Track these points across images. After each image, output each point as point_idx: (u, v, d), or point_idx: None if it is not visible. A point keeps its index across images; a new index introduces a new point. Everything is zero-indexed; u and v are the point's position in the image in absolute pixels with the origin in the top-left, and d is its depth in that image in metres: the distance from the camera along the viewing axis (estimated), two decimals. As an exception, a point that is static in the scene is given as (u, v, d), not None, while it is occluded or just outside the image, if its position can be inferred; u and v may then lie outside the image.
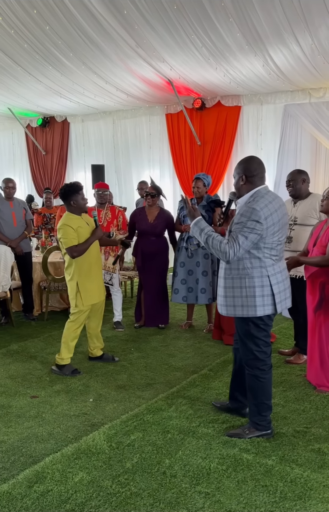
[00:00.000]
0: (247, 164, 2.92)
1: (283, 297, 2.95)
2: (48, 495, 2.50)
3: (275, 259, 2.91)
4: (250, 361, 3.01)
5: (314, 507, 2.41)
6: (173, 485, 2.58)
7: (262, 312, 2.88)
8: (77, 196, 3.92)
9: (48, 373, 4.16)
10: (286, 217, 2.97)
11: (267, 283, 2.86)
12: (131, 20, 5.50)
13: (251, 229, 2.76)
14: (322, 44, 5.57)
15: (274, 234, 2.84)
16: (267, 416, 3.04)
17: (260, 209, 2.77)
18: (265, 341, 2.98)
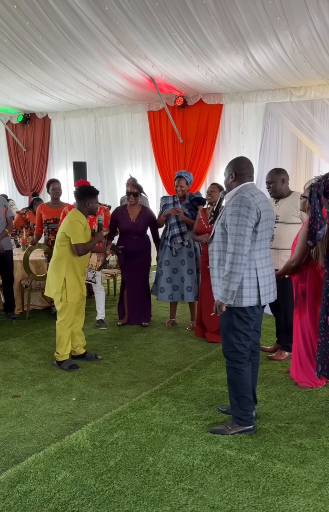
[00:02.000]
0: (238, 163, 3.06)
1: (267, 291, 3.02)
2: (31, 494, 2.49)
3: (260, 253, 2.97)
4: (230, 353, 3.06)
5: (296, 502, 2.44)
6: (156, 483, 2.59)
7: (248, 303, 2.93)
8: (93, 199, 4.12)
9: (30, 372, 4.13)
10: (271, 213, 3.04)
11: (254, 275, 2.93)
12: (112, 16, 5.47)
13: (245, 216, 2.83)
14: (302, 43, 5.61)
15: (261, 224, 2.91)
16: (248, 410, 3.06)
17: (248, 196, 2.88)
18: (245, 334, 3.02)
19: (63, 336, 4.13)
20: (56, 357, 4.22)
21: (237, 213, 2.85)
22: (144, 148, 9.08)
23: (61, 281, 4.04)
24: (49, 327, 5.40)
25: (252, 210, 2.85)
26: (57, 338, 4.16)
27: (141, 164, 9.17)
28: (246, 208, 2.84)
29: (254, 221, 2.86)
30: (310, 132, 7.18)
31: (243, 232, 2.84)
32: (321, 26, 5.20)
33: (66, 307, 4.10)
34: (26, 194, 10.63)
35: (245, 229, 2.84)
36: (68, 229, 4.00)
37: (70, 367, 4.15)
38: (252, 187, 3.00)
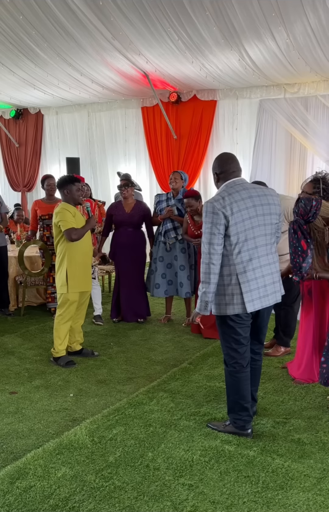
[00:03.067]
0: (216, 162, 2.95)
1: (256, 295, 2.81)
2: (31, 491, 2.48)
3: (249, 255, 2.78)
4: (224, 356, 3.01)
5: (296, 496, 2.46)
6: (156, 478, 2.59)
7: (232, 311, 2.81)
8: (71, 186, 4.09)
9: (26, 368, 4.12)
10: (262, 208, 2.82)
11: (235, 281, 2.78)
12: (107, 11, 5.43)
13: (210, 222, 2.73)
14: (297, 40, 5.61)
15: (237, 226, 2.73)
16: (242, 416, 2.98)
17: (213, 200, 2.76)
18: (235, 339, 2.90)
19: (60, 331, 4.12)
20: (52, 353, 4.21)
21: (204, 220, 2.76)
22: (138, 144, 9.05)
23: (63, 275, 4.05)
24: (45, 323, 5.39)
25: (216, 215, 2.72)
26: (54, 332, 4.14)
27: (135, 160, 9.14)
28: (210, 214, 2.73)
29: (221, 226, 2.72)
30: (303, 128, 7.20)
31: (209, 240, 2.74)
32: (316, 23, 5.21)
33: (66, 302, 4.08)
34: (19, 190, 10.57)
35: (211, 236, 2.73)
36: (57, 219, 4.01)
37: (67, 363, 4.15)
38: (234, 184, 2.84)
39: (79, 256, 4.09)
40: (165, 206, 5.24)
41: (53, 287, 5.62)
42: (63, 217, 3.98)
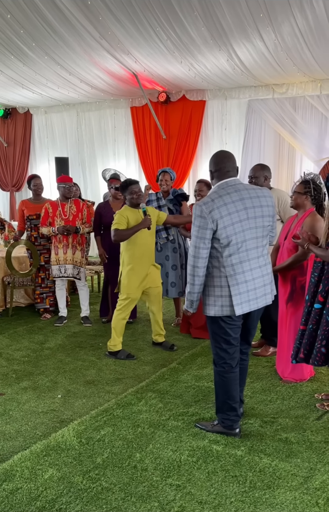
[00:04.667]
0: (211, 159, 2.90)
1: (245, 298, 2.78)
2: (18, 493, 2.47)
3: (239, 258, 2.76)
4: (214, 356, 3.01)
5: (283, 495, 2.47)
6: (144, 479, 2.59)
7: (220, 313, 2.81)
8: (125, 190, 4.31)
9: (14, 370, 4.09)
10: (257, 210, 2.78)
11: (224, 284, 2.77)
12: (95, 11, 5.42)
13: (197, 226, 2.71)
14: (285, 40, 5.64)
15: (226, 229, 2.69)
16: (230, 415, 2.99)
17: (203, 203, 2.72)
18: (225, 340, 2.89)
19: (117, 326, 4.30)
20: (109, 348, 4.35)
21: (193, 222, 2.74)
22: (127, 144, 9.04)
23: (121, 274, 4.29)
24: (33, 324, 5.36)
25: (203, 219, 2.69)
26: (112, 325, 4.32)
27: (125, 160, 9.13)
28: (198, 218, 2.71)
29: (208, 231, 2.69)
30: (292, 128, 7.24)
31: (195, 243, 2.74)
32: (304, 24, 5.24)
33: (123, 299, 4.27)
34: (7, 189, 10.51)
35: (197, 240, 2.73)
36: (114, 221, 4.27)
37: (127, 356, 4.31)
38: (226, 185, 2.79)
39: (137, 256, 4.24)
40: (155, 205, 5.22)
41: (41, 287, 5.61)
42: (115, 220, 4.23)
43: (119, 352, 4.33)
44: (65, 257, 5.17)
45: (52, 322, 5.40)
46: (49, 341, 4.78)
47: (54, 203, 5.22)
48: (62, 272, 5.20)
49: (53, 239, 5.22)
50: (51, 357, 4.38)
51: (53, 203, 5.24)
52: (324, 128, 7.10)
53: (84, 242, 5.34)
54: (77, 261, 5.21)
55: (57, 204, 5.19)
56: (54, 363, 4.22)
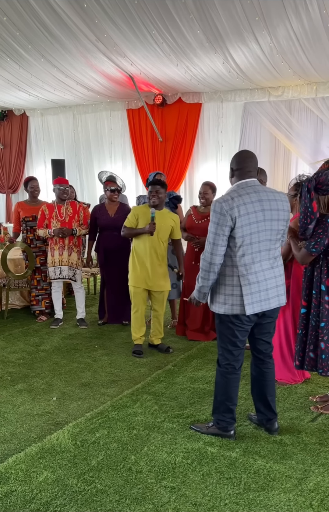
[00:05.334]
0: (235, 157, 2.89)
1: (256, 298, 2.78)
2: (12, 495, 2.46)
3: (253, 258, 2.76)
4: (219, 356, 2.98)
5: (277, 497, 2.47)
6: (138, 481, 2.59)
7: (230, 311, 2.80)
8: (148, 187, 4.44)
9: (9, 372, 4.09)
10: (270, 213, 2.77)
11: (236, 283, 2.77)
12: (91, 13, 5.44)
13: (215, 223, 2.71)
14: (280, 43, 5.67)
15: (243, 229, 2.70)
16: (226, 417, 2.97)
17: (223, 200, 2.72)
18: (232, 341, 2.88)
19: (132, 321, 4.52)
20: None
21: (211, 219, 2.75)
22: (124, 146, 9.05)
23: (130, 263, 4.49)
24: (28, 326, 5.35)
25: (222, 216, 2.69)
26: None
27: (121, 162, 9.14)
28: (217, 214, 2.71)
29: (226, 228, 2.70)
30: (287, 131, 7.27)
31: (213, 240, 2.73)
32: (299, 27, 5.27)
33: (131, 292, 4.47)
34: (4, 191, 10.50)
35: (215, 237, 2.72)
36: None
37: (133, 352, 4.45)
38: (246, 186, 2.80)
39: (140, 254, 4.39)
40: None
41: (37, 289, 5.60)
42: (129, 214, 4.45)
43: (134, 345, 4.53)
44: (61, 258, 5.18)
45: (48, 324, 5.40)
46: (45, 343, 4.78)
47: (50, 205, 5.23)
48: (57, 274, 5.21)
49: (49, 241, 5.22)
50: (46, 359, 4.37)
51: (50, 205, 5.24)
52: (319, 130, 7.13)
53: (80, 244, 5.34)
54: (73, 263, 5.21)
55: (53, 206, 5.20)
56: (50, 366, 4.22)
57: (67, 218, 5.17)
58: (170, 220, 4.42)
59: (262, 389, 3.06)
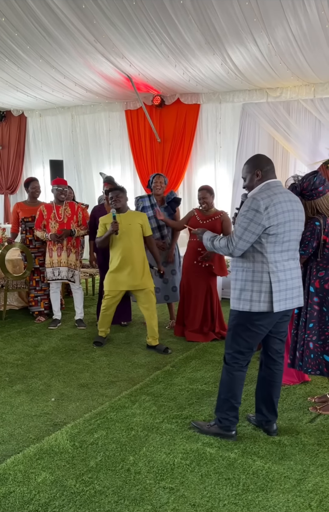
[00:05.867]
0: (258, 160, 2.91)
1: (283, 296, 2.80)
2: (11, 496, 2.46)
3: (281, 256, 2.80)
4: (226, 354, 2.97)
5: (276, 498, 2.47)
6: (137, 482, 2.59)
7: (257, 308, 2.78)
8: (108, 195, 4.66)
9: (7, 373, 4.08)
10: (297, 213, 2.82)
11: (266, 279, 2.77)
12: (89, 14, 5.43)
13: (249, 219, 2.71)
14: (278, 44, 5.68)
15: (278, 227, 2.73)
16: (229, 415, 2.97)
17: (260, 198, 2.72)
18: (247, 342, 2.87)
19: (101, 317, 4.70)
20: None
21: (244, 214, 2.75)
22: (122, 147, 9.05)
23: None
24: (27, 327, 5.35)
25: (259, 214, 2.69)
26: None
27: (120, 163, 9.14)
28: (253, 212, 2.71)
29: (260, 226, 2.70)
30: (286, 132, 7.27)
31: (241, 234, 2.73)
32: (297, 28, 5.27)
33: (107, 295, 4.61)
34: (2, 192, 10.49)
35: (245, 232, 2.72)
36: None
37: (94, 342, 4.72)
38: (275, 185, 2.83)
39: (118, 256, 4.49)
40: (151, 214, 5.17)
41: (35, 290, 5.60)
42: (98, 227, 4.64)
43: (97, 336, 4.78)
44: (59, 259, 5.17)
45: (46, 325, 5.39)
46: (43, 344, 4.77)
47: (49, 206, 5.23)
48: (56, 275, 5.20)
49: (48, 241, 5.22)
50: (45, 360, 4.37)
51: (48, 205, 5.24)
52: (317, 131, 7.14)
53: (79, 245, 5.34)
54: (72, 264, 5.21)
55: (52, 207, 5.19)
56: (48, 366, 4.21)
57: (66, 219, 5.17)
58: (138, 219, 4.56)
59: (269, 390, 3.06)
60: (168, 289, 5.22)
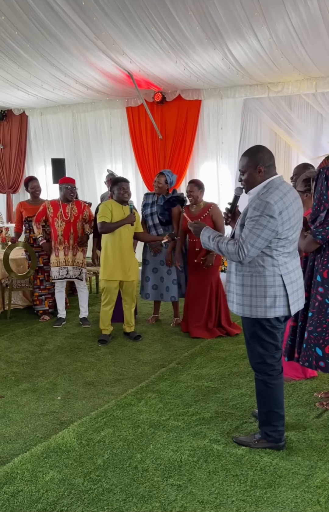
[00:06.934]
0: (262, 153, 2.69)
1: (296, 297, 2.71)
2: (19, 495, 2.46)
3: (288, 257, 2.70)
4: (257, 365, 2.81)
5: (284, 494, 2.47)
6: (145, 479, 2.59)
7: (273, 314, 2.66)
8: (114, 186, 4.64)
9: (13, 372, 4.08)
10: (301, 211, 2.72)
11: (279, 283, 2.64)
12: (89, 11, 5.41)
13: (264, 226, 2.54)
14: (279, 38, 5.64)
15: (289, 230, 2.62)
16: (278, 426, 2.81)
17: (274, 202, 2.53)
18: (273, 345, 2.75)
19: (101, 313, 4.78)
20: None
21: (256, 220, 2.55)
22: (123, 144, 9.02)
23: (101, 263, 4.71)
24: (31, 326, 5.35)
25: (274, 220, 2.53)
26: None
27: (121, 161, 9.12)
28: (268, 218, 2.53)
29: (274, 233, 2.56)
30: (288, 127, 7.24)
31: (257, 243, 2.57)
32: (298, 22, 5.24)
33: (103, 287, 4.70)
34: (4, 192, 10.49)
35: (259, 240, 2.56)
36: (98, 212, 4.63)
37: (99, 340, 4.75)
38: (280, 183, 2.66)
39: (113, 249, 4.57)
40: (148, 212, 5.16)
41: (40, 289, 5.60)
42: (100, 212, 4.56)
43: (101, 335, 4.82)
44: (66, 258, 5.16)
45: (51, 324, 5.40)
46: (48, 343, 4.77)
47: (55, 203, 5.17)
48: (62, 274, 5.18)
49: (53, 240, 5.18)
50: (50, 359, 4.37)
51: (54, 202, 5.18)
52: (319, 126, 7.09)
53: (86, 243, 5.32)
54: (79, 262, 5.21)
55: (58, 205, 5.15)
56: (54, 365, 4.22)
57: (72, 218, 5.15)
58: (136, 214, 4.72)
59: None
60: (162, 288, 5.21)
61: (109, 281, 4.64)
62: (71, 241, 5.14)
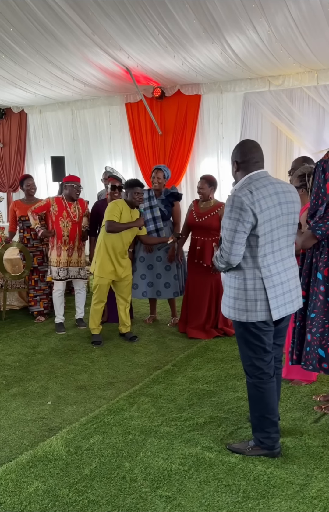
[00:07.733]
0: (238, 149, 2.64)
1: (281, 301, 2.59)
2: (0, 508, 2.37)
3: (274, 257, 2.57)
4: (247, 367, 2.73)
5: (278, 505, 2.36)
6: (132, 490, 2.48)
7: (254, 318, 2.57)
8: (131, 190, 4.53)
9: (4, 376, 3.99)
10: (289, 206, 2.58)
11: (260, 286, 2.54)
12: (85, 7, 5.29)
13: (236, 219, 2.46)
14: (279, 31, 5.48)
15: (264, 225, 2.48)
16: (271, 433, 2.71)
17: (242, 195, 2.46)
18: (261, 347, 2.65)
19: (91, 312, 4.71)
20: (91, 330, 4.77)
21: (228, 215, 2.49)
22: (123, 141, 8.91)
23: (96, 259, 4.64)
24: (26, 327, 5.26)
25: (244, 212, 2.44)
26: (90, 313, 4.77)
27: (121, 157, 9.00)
28: (237, 210, 2.45)
29: (248, 224, 2.45)
30: (289, 121, 7.08)
31: (232, 238, 2.48)
32: (297, 14, 5.08)
33: (96, 285, 4.62)
34: (4, 190, 10.42)
35: (236, 235, 2.47)
36: (106, 209, 4.52)
37: (93, 342, 4.66)
38: (259, 177, 2.55)
39: (113, 249, 4.54)
40: (146, 205, 5.07)
41: (35, 290, 5.51)
42: (110, 210, 4.47)
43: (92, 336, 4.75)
44: (70, 259, 5.05)
45: (46, 325, 5.30)
46: (42, 345, 4.68)
47: (59, 201, 5.00)
48: (63, 275, 5.05)
49: (56, 240, 5.04)
50: (43, 361, 4.27)
51: (59, 200, 5.01)
52: (321, 119, 6.93)
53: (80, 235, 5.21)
54: (81, 262, 5.12)
55: (63, 204, 5.00)
56: (46, 368, 4.12)
57: (78, 218, 5.04)
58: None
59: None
60: (160, 285, 5.09)
61: (103, 278, 4.58)
62: (76, 242, 5.03)
